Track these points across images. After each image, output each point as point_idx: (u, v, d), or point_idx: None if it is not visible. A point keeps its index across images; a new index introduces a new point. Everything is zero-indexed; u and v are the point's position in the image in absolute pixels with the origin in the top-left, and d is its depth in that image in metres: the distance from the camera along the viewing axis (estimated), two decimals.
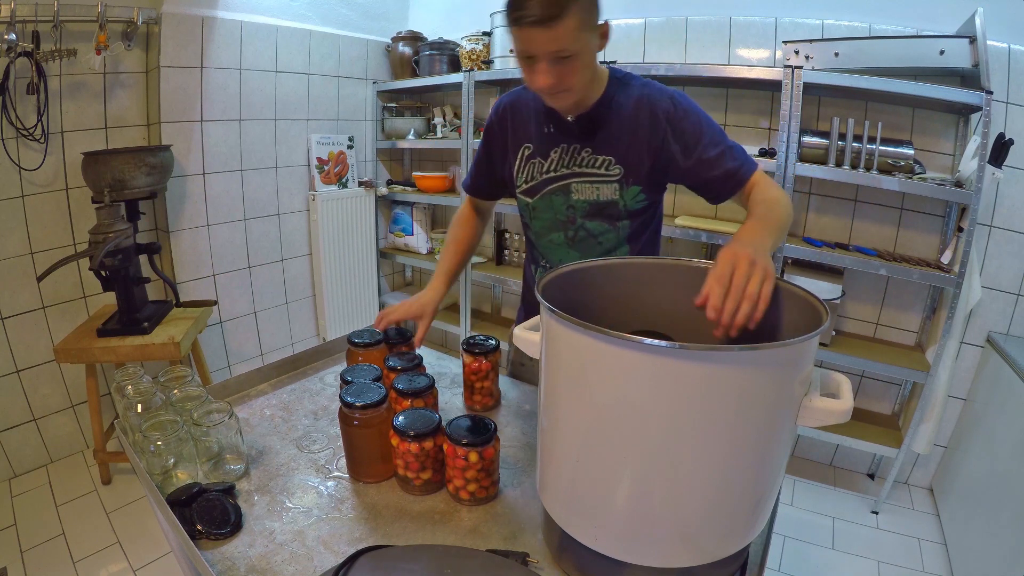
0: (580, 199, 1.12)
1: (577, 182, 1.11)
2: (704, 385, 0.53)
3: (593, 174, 1.09)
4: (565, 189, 1.12)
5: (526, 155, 1.15)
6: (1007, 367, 1.74)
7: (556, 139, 1.11)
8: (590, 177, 1.10)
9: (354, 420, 0.83)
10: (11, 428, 2.09)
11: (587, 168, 1.10)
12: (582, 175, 1.10)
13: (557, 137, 1.11)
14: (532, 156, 1.14)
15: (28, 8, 1.83)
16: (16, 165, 1.94)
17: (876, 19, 1.94)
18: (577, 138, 1.09)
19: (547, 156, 1.12)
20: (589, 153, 1.09)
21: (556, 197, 1.14)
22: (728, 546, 0.62)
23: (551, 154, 1.12)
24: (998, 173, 1.69)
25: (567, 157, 1.11)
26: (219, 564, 0.70)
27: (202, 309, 2.16)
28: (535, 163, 1.14)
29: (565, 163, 1.11)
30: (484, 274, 2.75)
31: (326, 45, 2.73)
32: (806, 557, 1.85)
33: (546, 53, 0.91)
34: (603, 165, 1.09)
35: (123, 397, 0.92)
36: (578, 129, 1.09)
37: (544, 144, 1.12)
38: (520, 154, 1.16)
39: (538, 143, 1.13)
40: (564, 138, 1.10)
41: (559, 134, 1.11)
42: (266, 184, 2.62)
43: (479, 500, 0.82)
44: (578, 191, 1.11)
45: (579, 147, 1.09)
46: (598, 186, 1.10)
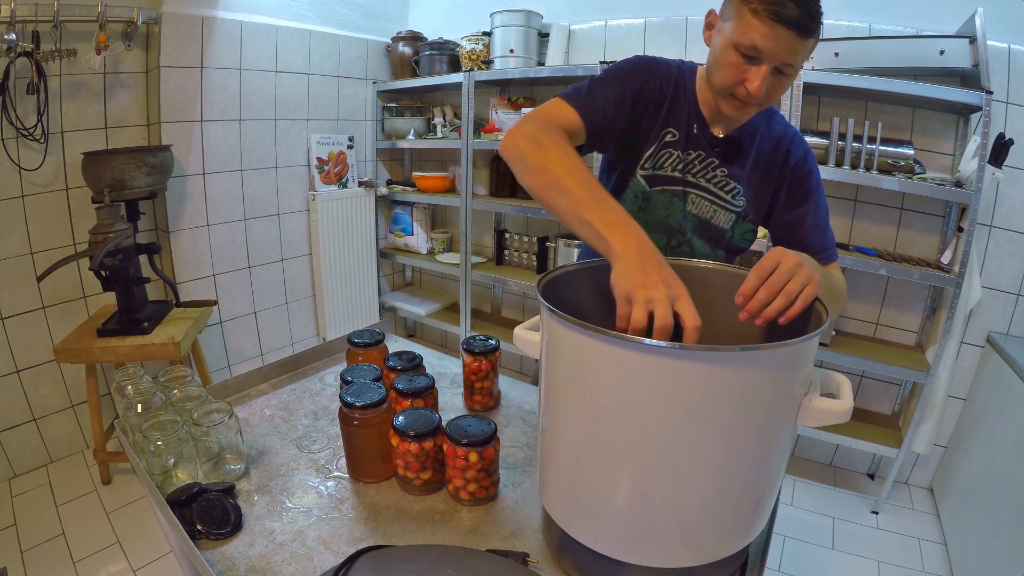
0: (693, 212, 1.05)
1: (698, 195, 1.03)
2: (704, 385, 0.53)
3: (719, 196, 1.03)
4: (683, 196, 1.04)
5: (667, 139, 1.01)
6: (1007, 367, 1.74)
7: (698, 143, 1.01)
8: (715, 197, 1.03)
9: (354, 420, 0.83)
10: (11, 428, 2.09)
11: (716, 188, 1.03)
12: (707, 191, 1.03)
13: (699, 142, 1.01)
14: (673, 144, 1.01)
15: (28, 8, 1.83)
16: (16, 165, 1.94)
17: (876, 19, 1.94)
18: (716, 153, 1.02)
19: (687, 154, 1.01)
20: (723, 174, 1.02)
21: (677, 200, 1.04)
22: (728, 546, 0.62)
23: (691, 154, 1.02)
24: (998, 173, 1.69)
25: (699, 166, 1.02)
26: (219, 564, 0.70)
27: (202, 309, 2.16)
28: (672, 154, 1.01)
29: (697, 171, 1.02)
30: (484, 274, 2.75)
31: (326, 45, 2.73)
32: (806, 557, 1.85)
33: (780, 59, 0.82)
34: (731, 192, 1.03)
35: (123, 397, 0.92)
36: (721, 145, 1.01)
37: (688, 141, 1.01)
38: (661, 135, 1.01)
39: (684, 136, 1.01)
40: (706, 147, 1.02)
41: (703, 141, 1.01)
42: (266, 184, 2.62)
43: (479, 500, 0.82)
44: (694, 204, 1.04)
45: (717, 163, 1.02)
46: (716, 209, 1.04)
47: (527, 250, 2.81)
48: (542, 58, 2.58)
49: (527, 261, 2.81)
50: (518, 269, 2.83)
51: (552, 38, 2.52)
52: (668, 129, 1.01)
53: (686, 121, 1.00)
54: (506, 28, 2.48)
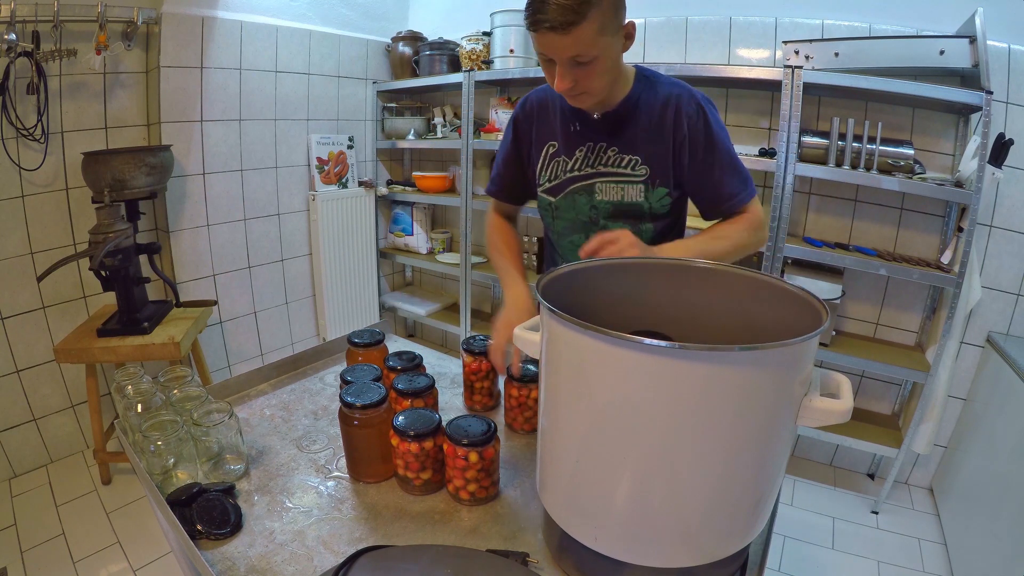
0: (604, 200, 1.09)
1: (602, 182, 1.08)
2: (704, 385, 0.53)
3: (619, 174, 1.07)
4: (589, 189, 1.10)
5: (550, 153, 1.12)
6: (1007, 367, 1.74)
7: (582, 137, 1.09)
8: (615, 177, 1.08)
9: (354, 420, 0.83)
10: (11, 428, 2.09)
11: (613, 168, 1.07)
12: (607, 175, 1.08)
13: (583, 135, 1.08)
14: (557, 154, 1.12)
15: (28, 8, 1.83)
16: (16, 165, 1.94)
17: (876, 19, 1.94)
18: (603, 137, 1.07)
19: (572, 154, 1.10)
20: (615, 152, 1.07)
21: (580, 196, 1.11)
22: (728, 546, 0.62)
23: (576, 152, 1.09)
24: (998, 173, 1.69)
25: (592, 156, 1.08)
26: (219, 564, 0.70)
27: (202, 309, 2.16)
28: (559, 161, 1.11)
29: (590, 162, 1.09)
30: (484, 274, 2.75)
31: (326, 45, 2.73)
32: (806, 557, 1.85)
33: (564, 58, 0.90)
34: (629, 165, 1.06)
35: (123, 397, 0.92)
36: (604, 127, 1.07)
37: (569, 142, 1.10)
38: (544, 151, 1.13)
39: (563, 141, 1.10)
40: (590, 136, 1.08)
41: (585, 132, 1.08)
42: (266, 184, 2.62)
43: (479, 500, 0.82)
44: (602, 191, 1.09)
45: (605, 146, 1.07)
46: (623, 186, 1.08)
47: (527, 250, 2.80)
48: None
49: (527, 261, 2.81)
50: None
51: None
52: (548, 143, 1.13)
53: (563, 126, 1.11)
54: (506, 28, 2.48)
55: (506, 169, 1.21)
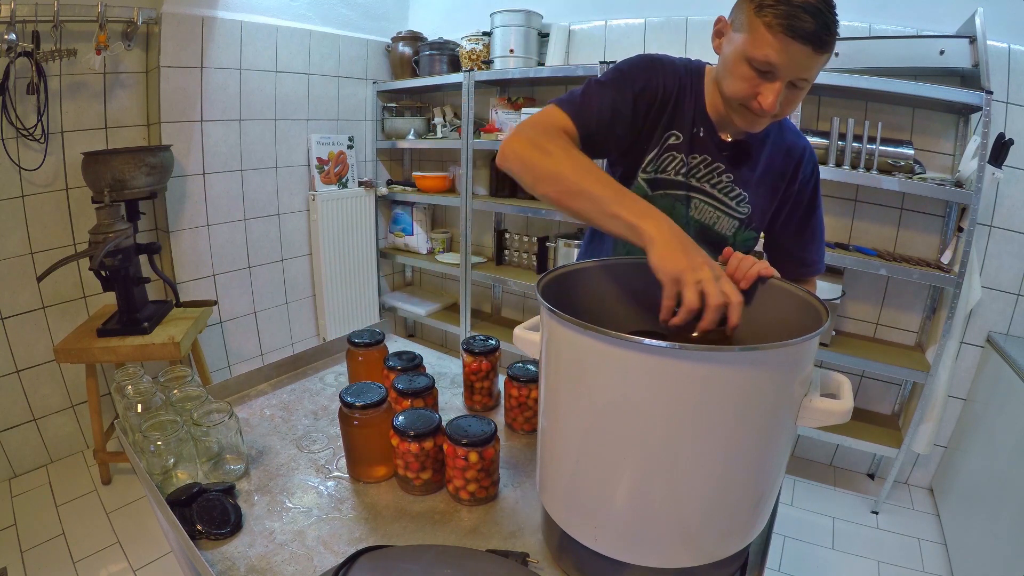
0: (696, 218, 1.01)
1: (702, 200, 1.00)
2: (704, 385, 0.53)
3: (722, 202, 1.00)
4: (686, 200, 1.00)
5: (670, 142, 0.97)
6: (1007, 367, 1.74)
7: (704, 147, 0.98)
8: (718, 203, 1.00)
9: (354, 420, 0.83)
10: (11, 428, 2.09)
11: (720, 193, 0.99)
12: (712, 197, 1.00)
13: (706, 146, 0.98)
14: (676, 147, 0.97)
15: (28, 8, 1.83)
16: (16, 165, 1.94)
17: (876, 19, 1.94)
18: (722, 159, 0.98)
19: (690, 156, 0.98)
20: (729, 180, 0.98)
21: (679, 204, 1.00)
22: (728, 546, 0.62)
23: (694, 158, 0.98)
24: (998, 173, 1.69)
25: (705, 170, 0.98)
26: (219, 564, 0.70)
27: (202, 309, 2.16)
28: (675, 157, 0.98)
29: (701, 176, 0.99)
30: (484, 274, 2.75)
31: (326, 45, 2.73)
32: (806, 557, 1.85)
33: (794, 74, 0.79)
34: (736, 199, 0.99)
35: (123, 397, 0.92)
36: (727, 150, 0.98)
37: (691, 144, 0.97)
38: (664, 137, 0.97)
39: (686, 138, 0.97)
40: (711, 151, 0.98)
41: (709, 145, 0.97)
42: (266, 184, 2.62)
43: (479, 500, 0.82)
44: (698, 209, 1.00)
45: (723, 168, 0.98)
46: (720, 215, 1.00)
47: (527, 250, 2.81)
48: (542, 58, 2.58)
49: (527, 261, 2.81)
50: (518, 269, 2.83)
51: (552, 38, 2.52)
52: (672, 131, 0.97)
53: (691, 123, 0.97)
54: (506, 28, 2.48)
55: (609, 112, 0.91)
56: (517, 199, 2.66)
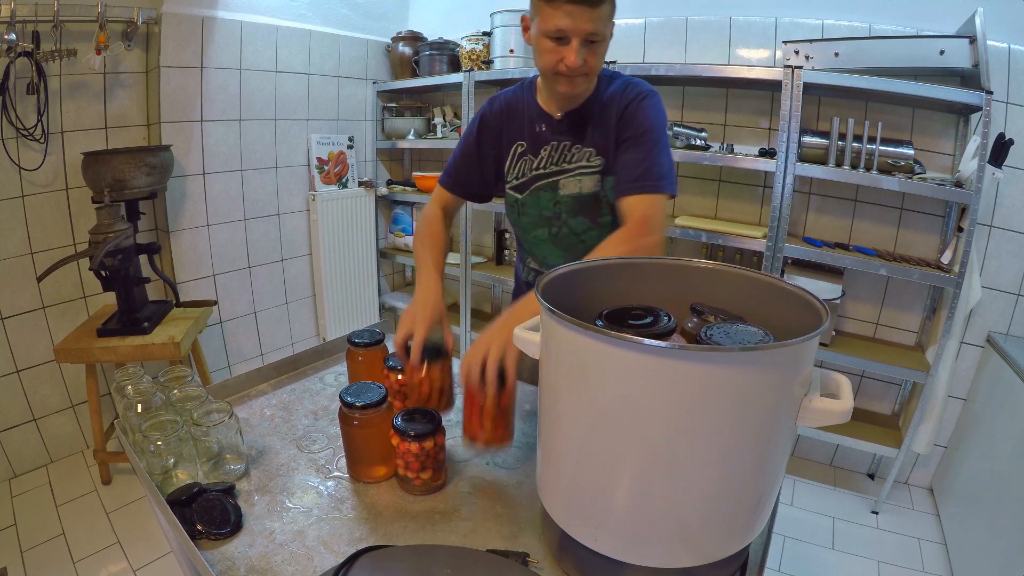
0: (566, 194, 1.15)
1: (564, 178, 1.15)
2: (704, 385, 0.53)
3: (578, 167, 1.13)
4: (553, 186, 1.16)
5: (519, 152, 1.18)
6: (1007, 367, 1.74)
7: (547, 137, 1.15)
8: (575, 171, 1.14)
9: (354, 420, 0.83)
10: (11, 428, 2.09)
11: (573, 163, 1.13)
12: (569, 171, 1.14)
13: (547, 136, 1.15)
14: (524, 153, 1.18)
15: (28, 8, 1.83)
16: (16, 165, 1.94)
17: (876, 19, 1.94)
18: (566, 136, 1.13)
19: (537, 154, 1.16)
20: (578, 148, 1.13)
21: (544, 193, 1.17)
22: (728, 546, 0.62)
23: (541, 152, 1.16)
24: (998, 173, 1.69)
25: (556, 154, 1.14)
26: (219, 564, 0.70)
27: (202, 309, 2.16)
28: (526, 160, 1.18)
29: (554, 160, 1.15)
30: (484, 274, 2.75)
31: (326, 45, 2.73)
32: (806, 557, 1.85)
33: (583, 32, 0.94)
34: (585, 156, 1.12)
35: (123, 397, 0.92)
36: (567, 126, 1.12)
37: (536, 142, 1.16)
38: (513, 151, 1.19)
39: (530, 141, 1.16)
40: (554, 136, 1.14)
41: (549, 132, 1.14)
42: (266, 184, 2.62)
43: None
44: (564, 186, 1.15)
45: (569, 144, 1.13)
46: (581, 179, 1.13)
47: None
48: None
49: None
50: None
51: None
52: (516, 143, 1.18)
53: (529, 127, 1.16)
54: (506, 28, 2.48)
55: (464, 163, 1.23)
56: None
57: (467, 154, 1.22)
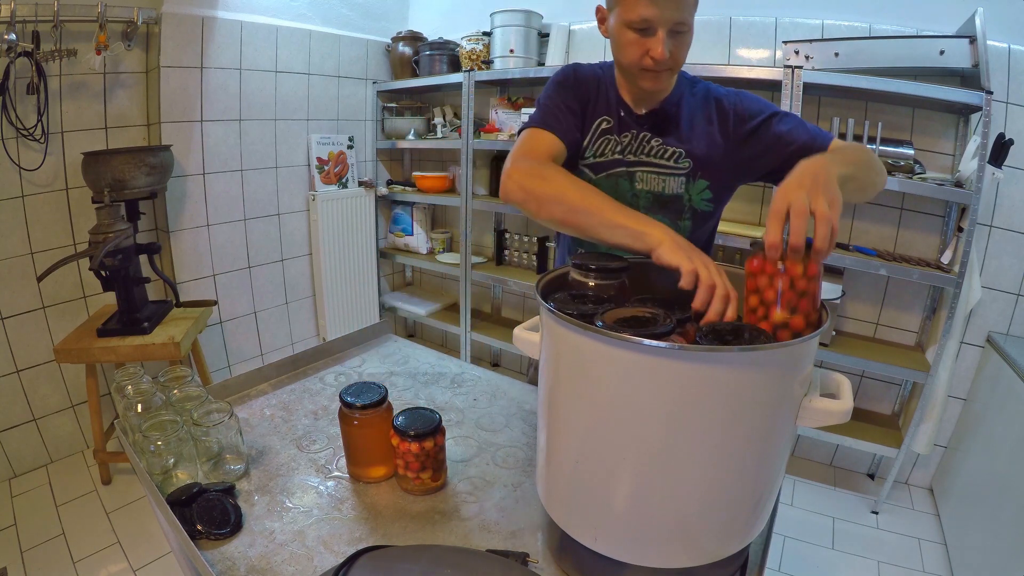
0: (645, 189, 1.07)
1: (644, 171, 1.07)
2: (704, 386, 0.53)
3: (662, 165, 1.06)
4: (631, 176, 1.07)
5: (602, 128, 1.08)
6: (1007, 367, 1.74)
7: (628, 126, 1.07)
8: (658, 168, 1.06)
9: (354, 420, 0.83)
10: (11, 428, 2.09)
11: (656, 159, 1.06)
12: (651, 165, 1.06)
13: (629, 123, 1.07)
14: (609, 132, 1.08)
15: (28, 8, 1.83)
16: (16, 165, 1.94)
17: (876, 19, 1.94)
18: (647, 130, 1.06)
19: (621, 136, 1.07)
20: (659, 144, 1.06)
21: (623, 181, 1.08)
22: (728, 546, 0.62)
23: (624, 136, 1.07)
24: (998, 173, 1.69)
25: (636, 144, 1.07)
26: (219, 564, 0.70)
27: (202, 309, 2.16)
28: (609, 140, 1.07)
29: (634, 150, 1.07)
30: (484, 274, 2.75)
31: (326, 45, 2.73)
32: (806, 557, 1.85)
33: (670, 22, 0.89)
34: (672, 157, 1.05)
35: (123, 397, 0.92)
36: (648, 122, 1.06)
37: (620, 126, 1.08)
38: (596, 125, 1.08)
39: (615, 122, 1.08)
40: (635, 127, 1.07)
41: (630, 122, 1.07)
42: (266, 184, 2.62)
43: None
44: (643, 180, 1.07)
45: (649, 136, 1.06)
46: (665, 178, 1.06)
47: (527, 250, 2.81)
48: (542, 58, 2.58)
49: (527, 261, 2.81)
50: (518, 269, 2.83)
51: (552, 38, 2.52)
52: (602, 117, 1.08)
53: (615, 109, 1.07)
54: (506, 28, 2.48)
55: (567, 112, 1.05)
56: None
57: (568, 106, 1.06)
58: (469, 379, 1.23)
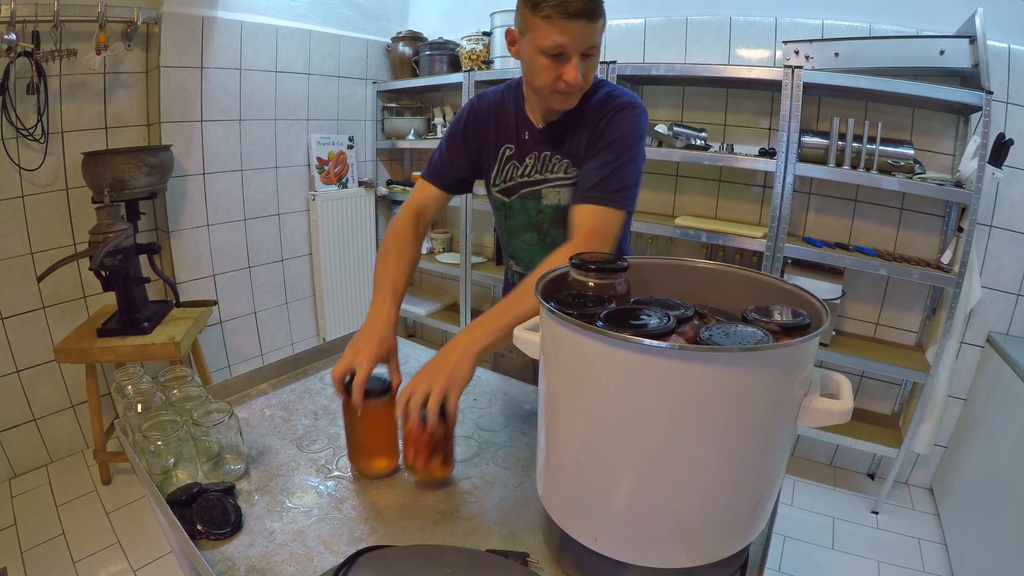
0: (547, 204, 1.15)
1: (547, 187, 1.13)
2: (704, 386, 0.53)
3: (560, 179, 1.12)
4: (536, 194, 1.15)
5: (507, 155, 1.16)
6: (1007, 367, 1.74)
7: (530, 147, 1.13)
8: (558, 182, 1.12)
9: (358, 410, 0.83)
10: (11, 428, 2.09)
11: (555, 174, 1.12)
12: (551, 181, 1.13)
13: (530, 145, 1.13)
14: (512, 158, 1.15)
15: (28, 8, 1.83)
16: (16, 165, 1.94)
17: (876, 19, 1.94)
18: (548, 145, 1.11)
19: (523, 161, 1.15)
20: (558, 159, 1.11)
21: (529, 201, 1.16)
22: (728, 546, 0.62)
23: (527, 159, 1.14)
24: (998, 173, 1.69)
25: (539, 164, 1.13)
26: (219, 564, 0.70)
27: (202, 309, 2.16)
28: (513, 165, 1.15)
29: (538, 169, 1.13)
30: (484, 274, 2.75)
31: (326, 45, 2.73)
32: (806, 557, 1.85)
33: (582, 47, 0.93)
34: (563, 168, 1.11)
35: (123, 397, 0.92)
36: (548, 137, 1.11)
37: (522, 149, 1.14)
38: (501, 153, 1.17)
39: (517, 146, 1.15)
40: (536, 146, 1.12)
41: (532, 142, 1.13)
42: (266, 184, 2.62)
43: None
44: (546, 196, 1.14)
45: (549, 154, 1.12)
46: (559, 190, 1.12)
47: None
48: None
49: None
50: None
51: None
52: (505, 146, 1.15)
53: (515, 133, 1.13)
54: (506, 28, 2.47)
55: (451, 155, 1.18)
56: None
57: (453, 146, 1.18)
58: None
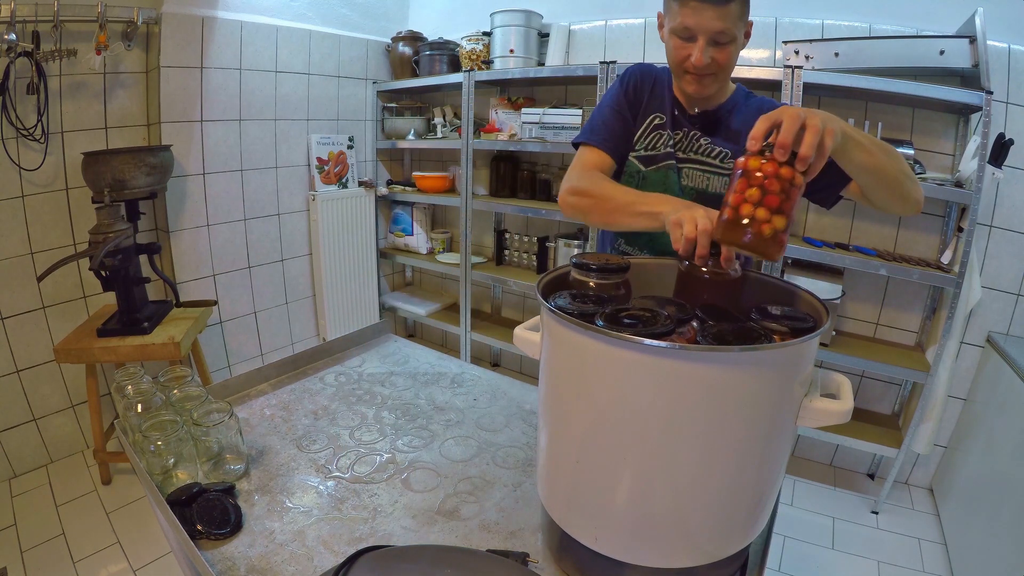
0: (689, 185, 1.13)
1: (690, 168, 1.12)
2: (704, 386, 0.53)
3: (709, 164, 1.11)
4: (677, 171, 1.13)
5: (655, 123, 1.14)
6: (1007, 367, 1.74)
7: (681, 123, 1.13)
8: (705, 166, 1.11)
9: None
10: (11, 428, 2.09)
11: (703, 157, 1.11)
12: (697, 162, 1.12)
13: (682, 121, 1.13)
14: (661, 127, 1.14)
15: (28, 8, 1.83)
16: (16, 165, 1.94)
17: (876, 19, 1.94)
18: (699, 128, 1.12)
19: (671, 133, 1.13)
20: (708, 143, 1.11)
21: (672, 174, 1.13)
22: (728, 546, 0.62)
23: (675, 133, 1.13)
24: (998, 173, 1.69)
25: (686, 142, 1.13)
26: (219, 564, 0.70)
27: (202, 309, 2.16)
28: (661, 134, 1.14)
29: (684, 147, 1.13)
30: (484, 274, 2.75)
31: (326, 45, 2.73)
32: (806, 557, 1.85)
33: (709, 31, 0.95)
34: (719, 157, 1.10)
35: (123, 397, 0.92)
36: (700, 122, 1.12)
37: (672, 123, 1.14)
38: (649, 121, 1.15)
39: (668, 118, 1.14)
40: (688, 124, 1.13)
41: (684, 120, 1.13)
42: (266, 184, 2.62)
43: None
44: (689, 177, 1.12)
45: (699, 135, 1.11)
46: (709, 176, 1.11)
47: (527, 250, 2.81)
48: (542, 58, 2.58)
49: (527, 261, 2.81)
50: (518, 269, 2.83)
51: (552, 38, 2.52)
52: (655, 114, 1.15)
53: (669, 107, 1.14)
54: (506, 28, 2.48)
55: (614, 119, 1.15)
56: (517, 199, 2.66)
57: (617, 110, 1.15)
58: (469, 379, 1.23)
